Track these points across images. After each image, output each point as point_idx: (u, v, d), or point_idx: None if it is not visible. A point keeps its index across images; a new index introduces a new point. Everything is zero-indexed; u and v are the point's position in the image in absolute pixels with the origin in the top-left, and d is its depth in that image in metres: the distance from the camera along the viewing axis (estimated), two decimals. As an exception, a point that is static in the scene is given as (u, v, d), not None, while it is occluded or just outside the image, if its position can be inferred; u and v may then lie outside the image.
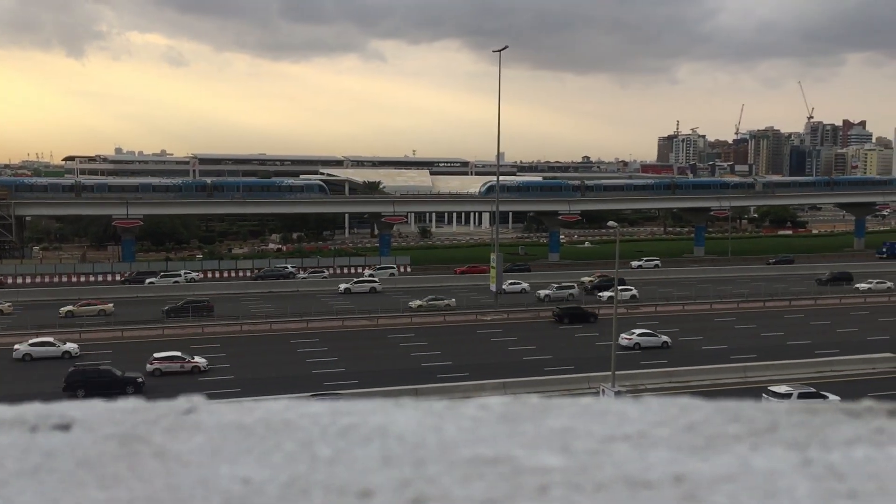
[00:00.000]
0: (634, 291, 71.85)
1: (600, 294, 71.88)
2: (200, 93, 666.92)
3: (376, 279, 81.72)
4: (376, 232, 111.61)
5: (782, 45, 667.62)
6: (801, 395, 39.39)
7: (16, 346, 50.84)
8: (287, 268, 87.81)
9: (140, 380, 43.98)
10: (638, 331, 54.71)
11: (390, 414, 1.17)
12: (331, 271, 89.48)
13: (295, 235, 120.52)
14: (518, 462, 1.00)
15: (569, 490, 0.93)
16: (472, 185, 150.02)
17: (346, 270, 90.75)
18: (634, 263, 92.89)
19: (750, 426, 1.09)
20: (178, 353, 48.55)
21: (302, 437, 1.09)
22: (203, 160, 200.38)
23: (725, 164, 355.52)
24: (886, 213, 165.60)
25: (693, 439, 1.05)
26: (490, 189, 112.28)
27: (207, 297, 69.39)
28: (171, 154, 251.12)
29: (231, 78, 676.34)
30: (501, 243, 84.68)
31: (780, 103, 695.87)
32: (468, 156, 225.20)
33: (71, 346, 51.33)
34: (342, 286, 78.72)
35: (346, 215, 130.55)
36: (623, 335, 51.82)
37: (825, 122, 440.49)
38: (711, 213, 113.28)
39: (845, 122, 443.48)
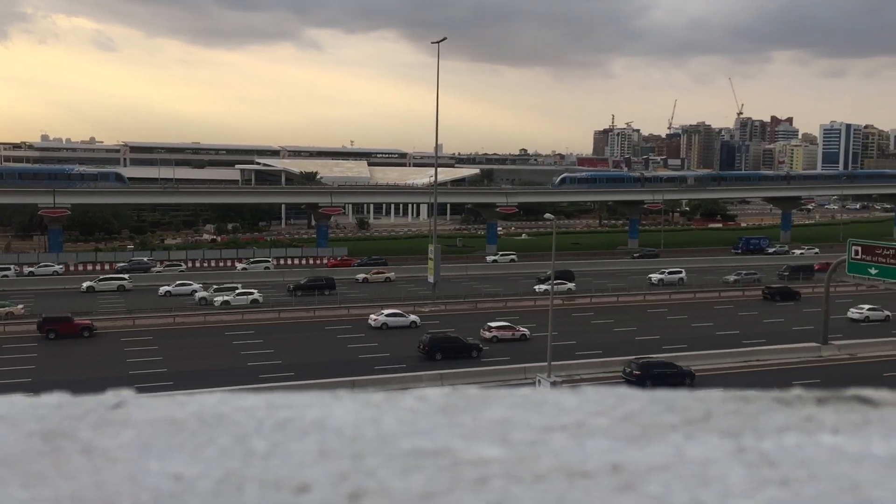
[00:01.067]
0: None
1: (535, 287, 72.55)
2: (131, 79, 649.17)
3: (126, 276, 74.96)
4: (313, 223, 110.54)
5: (712, 42, 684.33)
6: None
7: (373, 317, 57.71)
8: (143, 261, 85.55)
9: (481, 346, 50.26)
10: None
11: (328, 407, 1.16)
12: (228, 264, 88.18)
13: (230, 226, 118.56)
14: (457, 454, 1.00)
15: (507, 481, 0.93)
16: (411, 176, 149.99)
17: (282, 261, 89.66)
18: (489, 258, 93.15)
19: (685, 415, 1.10)
20: (509, 323, 54.90)
21: (236, 431, 1.07)
22: (134, 148, 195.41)
23: (659, 158, 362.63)
24: (811, 208, 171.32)
25: (629, 429, 1.06)
26: (563, 181, 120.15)
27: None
28: (101, 142, 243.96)
29: (163, 64, 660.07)
30: (440, 235, 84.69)
31: (712, 99, 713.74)
32: (407, 147, 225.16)
33: (414, 318, 58.10)
34: (85, 284, 72.44)
35: (283, 206, 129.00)
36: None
37: (754, 119, 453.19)
38: (645, 206, 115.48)
39: (773, 118, 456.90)
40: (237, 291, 66.71)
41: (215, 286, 69.12)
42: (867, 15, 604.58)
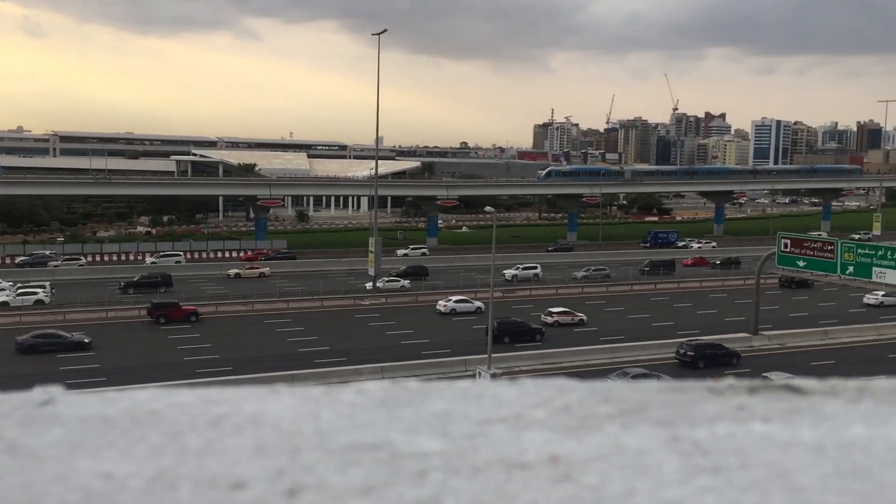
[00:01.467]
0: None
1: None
2: (62, 67, 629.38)
3: None
4: (252, 215, 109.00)
5: (649, 38, 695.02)
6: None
7: (441, 303, 60.24)
8: (45, 254, 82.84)
9: (543, 330, 53.23)
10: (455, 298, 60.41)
11: (265, 401, 1.14)
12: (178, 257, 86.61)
13: (165, 218, 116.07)
14: (396, 447, 1.00)
15: (447, 474, 0.94)
16: (352, 168, 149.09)
17: (220, 255, 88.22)
18: (400, 251, 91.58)
19: (621, 406, 1.12)
20: (568, 309, 57.81)
21: (169, 428, 1.04)
22: (64, 138, 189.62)
23: (597, 153, 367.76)
24: (743, 202, 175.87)
25: (567, 420, 1.07)
26: (549, 174, 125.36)
27: None
28: (29, 131, 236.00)
29: (95, 51, 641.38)
30: (380, 228, 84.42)
31: (648, 94, 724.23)
32: (347, 139, 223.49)
33: (479, 304, 59.04)
34: None
35: (221, 198, 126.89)
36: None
37: (689, 114, 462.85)
38: (584, 199, 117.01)
39: (707, 114, 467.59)
40: (19, 291, 61.39)
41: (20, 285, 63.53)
42: (797, 14, 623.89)
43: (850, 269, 48.77)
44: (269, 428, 1.05)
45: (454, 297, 61.62)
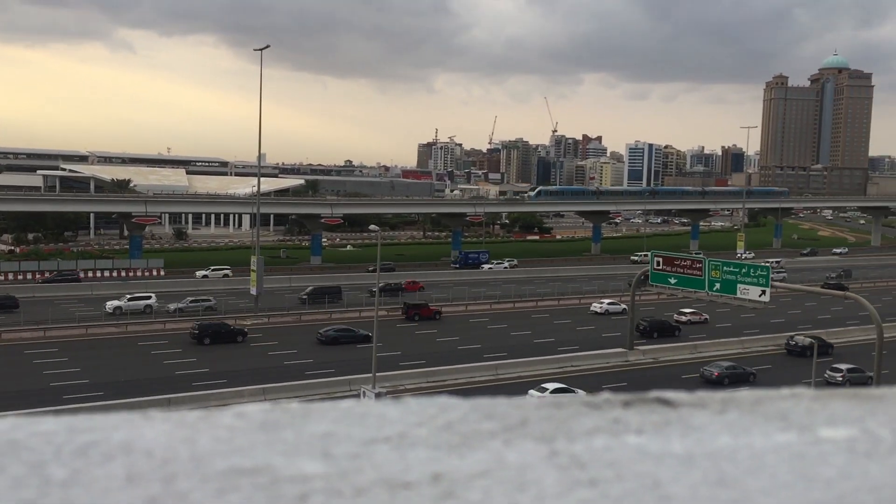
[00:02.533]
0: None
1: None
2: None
3: None
4: (126, 233, 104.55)
5: (529, 62, 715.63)
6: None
7: (594, 305, 70.86)
8: None
9: (680, 327, 63.25)
10: None
11: (137, 428, 1.09)
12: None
13: (31, 236, 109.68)
14: (277, 471, 0.98)
15: (328, 496, 0.92)
16: (233, 185, 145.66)
17: (89, 274, 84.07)
18: (201, 274, 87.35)
19: (503, 422, 1.12)
20: (695, 310, 67.33)
21: (31, 458, 0.99)
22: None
23: (480, 172, 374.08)
24: (618, 221, 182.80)
25: (450, 438, 1.07)
26: (539, 193, 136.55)
27: None
28: None
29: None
30: (263, 246, 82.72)
31: (529, 116, 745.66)
32: (228, 156, 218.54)
33: (624, 305, 63.37)
34: None
35: (92, 215, 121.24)
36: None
37: (567, 136, 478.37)
38: (467, 218, 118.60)
39: (584, 136, 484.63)
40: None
41: None
42: (666, 44, 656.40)
43: (717, 285, 51.41)
44: (140, 455, 1.00)
45: (606, 300, 72.34)
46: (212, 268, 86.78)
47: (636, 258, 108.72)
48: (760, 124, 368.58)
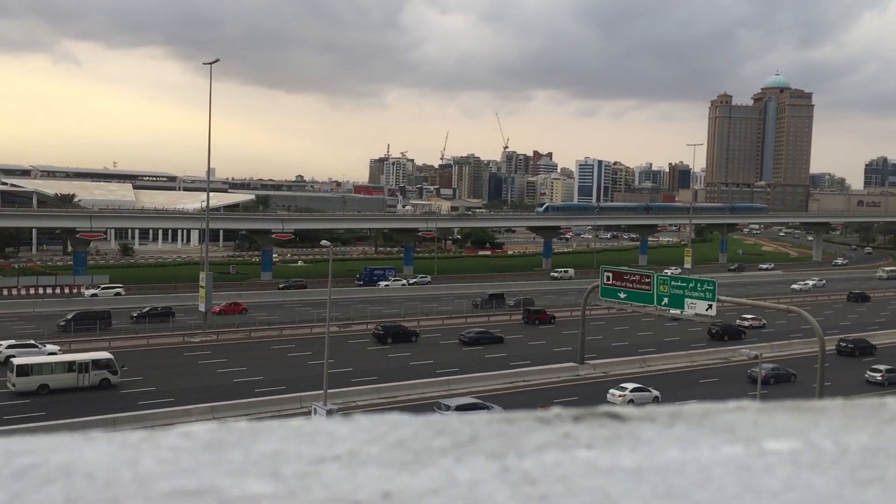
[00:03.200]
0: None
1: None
2: None
3: None
4: (70, 249, 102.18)
5: (480, 78, 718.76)
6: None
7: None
8: None
9: (745, 331, 69.76)
10: None
11: (78, 450, 1.05)
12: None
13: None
14: (223, 492, 0.96)
15: None
16: (181, 200, 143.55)
17: (31, 291, 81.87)
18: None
19: (454, 438, 1.12)
20: (756, 316, 73.91)
21: None
22: None
23: (432, 188, 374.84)
24: (569, 237, 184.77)
25: (402, 455, 1.06)
26: (547, 209, 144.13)
27: None
28: None
29: None
30: (212, 262, 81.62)
31: (481, 132, 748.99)
32: (176, 170, 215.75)
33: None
34: None
35: (34, 230, 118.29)
36: None
37: (519, 152, 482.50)
38: (419, 233, 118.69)
39: (535, 152, 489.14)
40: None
41: None
42: (614, 62, 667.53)
43: (666, 300, 52.22)
44: (81, 478, 0.97)
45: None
46: (102, 286, 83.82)
47: (556, 274, 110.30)
48: (706, 141, 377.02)
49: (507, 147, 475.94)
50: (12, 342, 54.08)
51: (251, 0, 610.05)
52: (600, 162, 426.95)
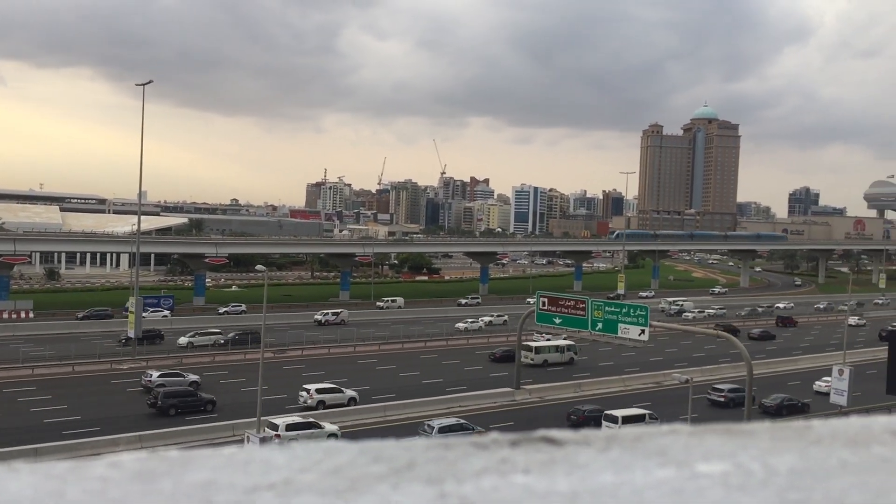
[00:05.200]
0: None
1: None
2: None
3: None
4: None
5: (417, 104, 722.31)
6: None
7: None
8: None
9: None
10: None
11: (0, 481, 1.02)
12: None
13: None
14: None
15: None
16: (111, 223, 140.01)
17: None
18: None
19: (391, 465, 1.11)
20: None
21: None
22: None
23: (370, 213, 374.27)
24: (505, 262, 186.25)
25: (337, 483, 1.05)
26: (617, 236, 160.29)
27: None
28: None
29: None
30: (143, 286, 79.64)
31: (418, 158, 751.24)
32: (106, 193, 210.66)
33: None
34: None
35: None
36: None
37: (456, 178, 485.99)
38: (356, 258, 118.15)
39: (472, 178, 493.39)
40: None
41: None
42: (548, 91, 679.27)
43: (600, 325, 53.01)
44: None
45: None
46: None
47: (464, 301, 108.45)
48: (638, 170, 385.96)
49: (444, 173, 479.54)
50: None
51: (184, 21, 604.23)
52: (536, 189, 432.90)
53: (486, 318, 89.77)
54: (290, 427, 40.62)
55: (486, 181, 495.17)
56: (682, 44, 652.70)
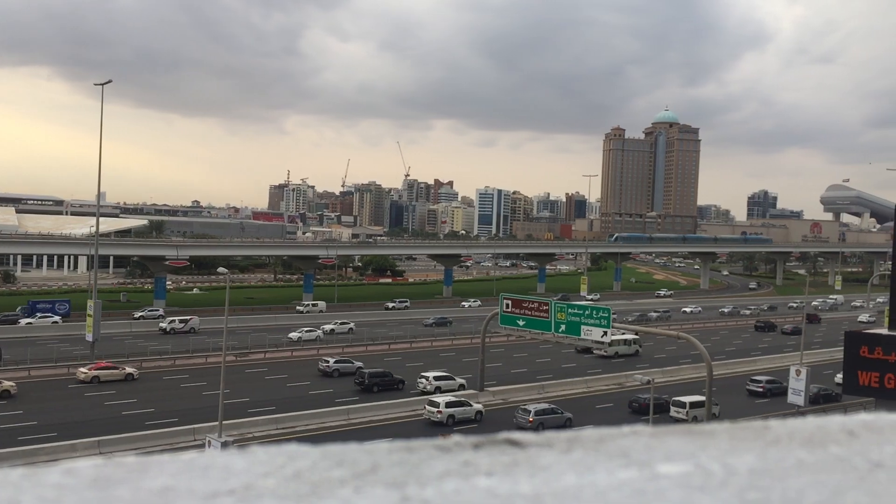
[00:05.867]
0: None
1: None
2: None
3: None
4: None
5: (381, 106, 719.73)
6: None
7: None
8: None
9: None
10: None
11: None
12: None
13: None
14: None
15: None
16: (68, 225, 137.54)
17: None
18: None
19: (353, 469, 1.11)
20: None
21: None
22: None
23: (333, 215, 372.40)
24: (469, 265, 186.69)
25: (299, 487, 1.04)
26: (616, 239, 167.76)
27: None
28: None
29: None
30: (102, 289, 78.33)
31: (382, 160, 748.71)
32: (64, 194, 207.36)
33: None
34: None
35: None
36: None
37: (420, 180, 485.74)
38: (319, 260, 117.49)
39: (436, 181, 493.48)
40: None
41: None
42: (511, 94, 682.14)
43: (563, 327, 53.33)
44: None
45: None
46: None
47: (392, 304, 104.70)
48: (601, 173, 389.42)
49: (408, 175, 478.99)
50: None
51: (145, 21, 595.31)
52: (500, 191, 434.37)
53: (329, 327, 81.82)
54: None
55: (451, 183, 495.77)
56: (644, 49, 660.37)
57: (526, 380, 61.03)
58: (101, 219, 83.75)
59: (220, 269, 66.01)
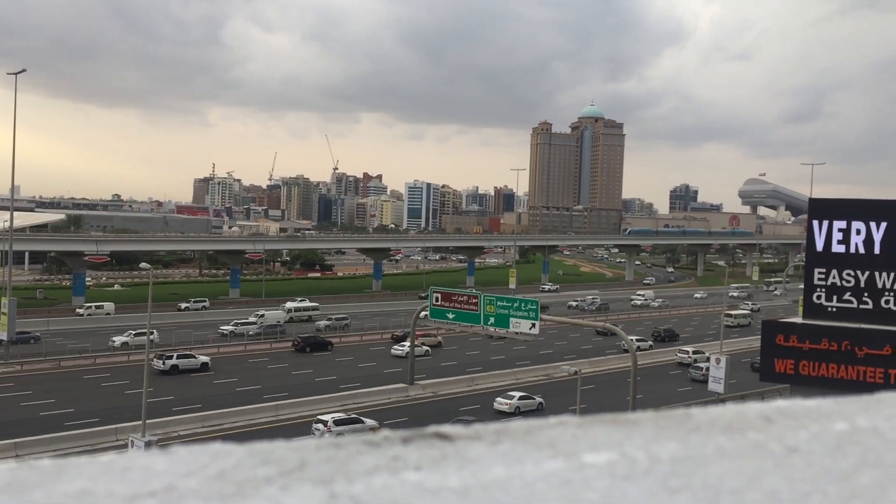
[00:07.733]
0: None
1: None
2: None
3: None
4: None
5: (307, 98, 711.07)
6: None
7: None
8: None
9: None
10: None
11: None
12: None
13: None
14: None
15: None
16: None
17: None
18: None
19: (280, 467, 1.09)
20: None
21: None
22: None
23: (260, 209, 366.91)
24: (399, 258, 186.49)
25: (223, 487, 1.02)
26: (630, 233, 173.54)
27: None
28: None
29: None
30: (17, 286, 75.42)
31: (310, 153, 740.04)
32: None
33: None
34: None
35: None
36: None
37: (349, 174, 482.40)
38: (247, 255, 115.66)
39: (365, 174, 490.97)
40: None
41: None
42: (438, 87, 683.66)
43: (492, 319, 53.81)
44: None
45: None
46: None
47: (185, 305, 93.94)
48: (529, 167, 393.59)
49: (336, 168, 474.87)
50: None
51: (59, 9, 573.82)
52: (429, 185, 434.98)
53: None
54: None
55: (379, 177, 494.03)
56: (568, 44, 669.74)
57: (455, 373, 61.40)
58: (16, 213, 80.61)
59: (143, 265, 64.45)
